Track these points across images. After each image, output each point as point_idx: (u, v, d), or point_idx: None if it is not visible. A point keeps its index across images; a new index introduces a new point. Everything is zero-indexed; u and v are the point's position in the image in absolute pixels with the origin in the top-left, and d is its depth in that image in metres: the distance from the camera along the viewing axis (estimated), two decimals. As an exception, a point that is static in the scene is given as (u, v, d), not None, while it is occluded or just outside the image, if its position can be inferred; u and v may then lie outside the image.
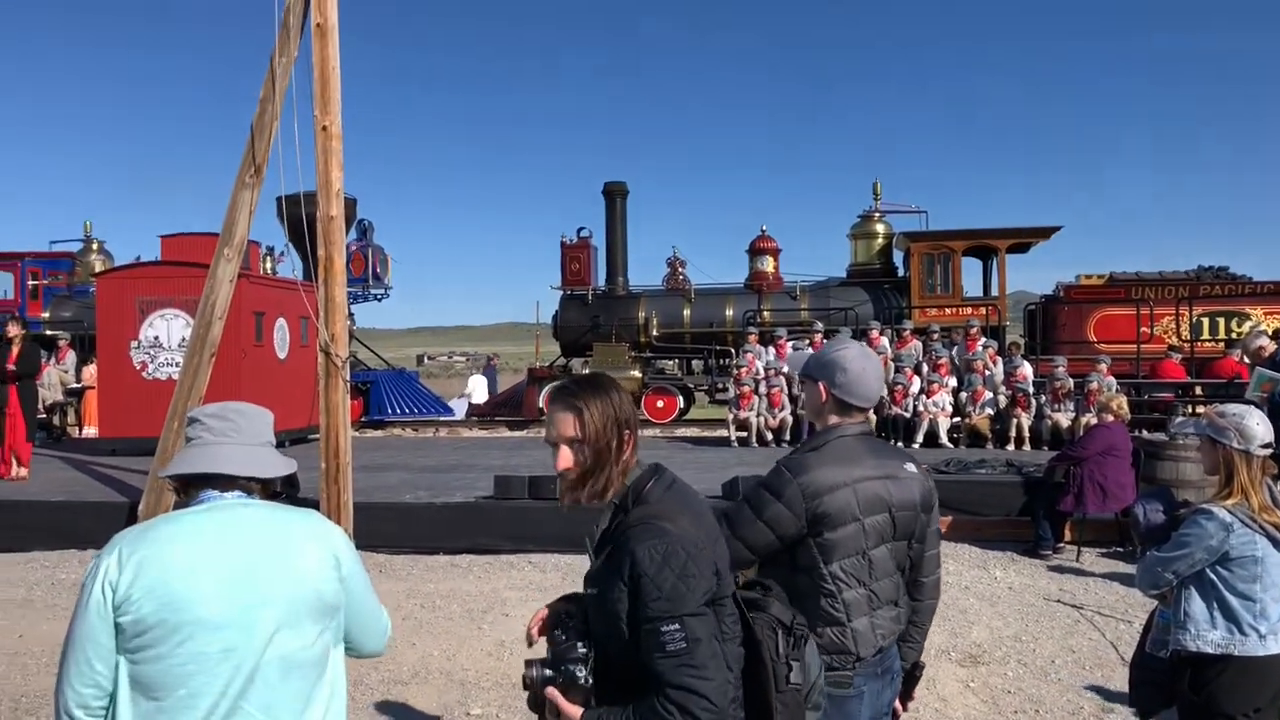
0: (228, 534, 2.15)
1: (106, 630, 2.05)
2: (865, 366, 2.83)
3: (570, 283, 21.74)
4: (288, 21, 9.51)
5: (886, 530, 2.71)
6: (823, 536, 2.64)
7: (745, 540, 2.69)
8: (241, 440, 2.31)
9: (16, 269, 20.42)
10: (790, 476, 2.68)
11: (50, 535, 9.73)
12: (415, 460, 14.06)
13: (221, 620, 2.07)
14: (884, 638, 2.72)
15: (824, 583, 2.65)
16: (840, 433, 2.80)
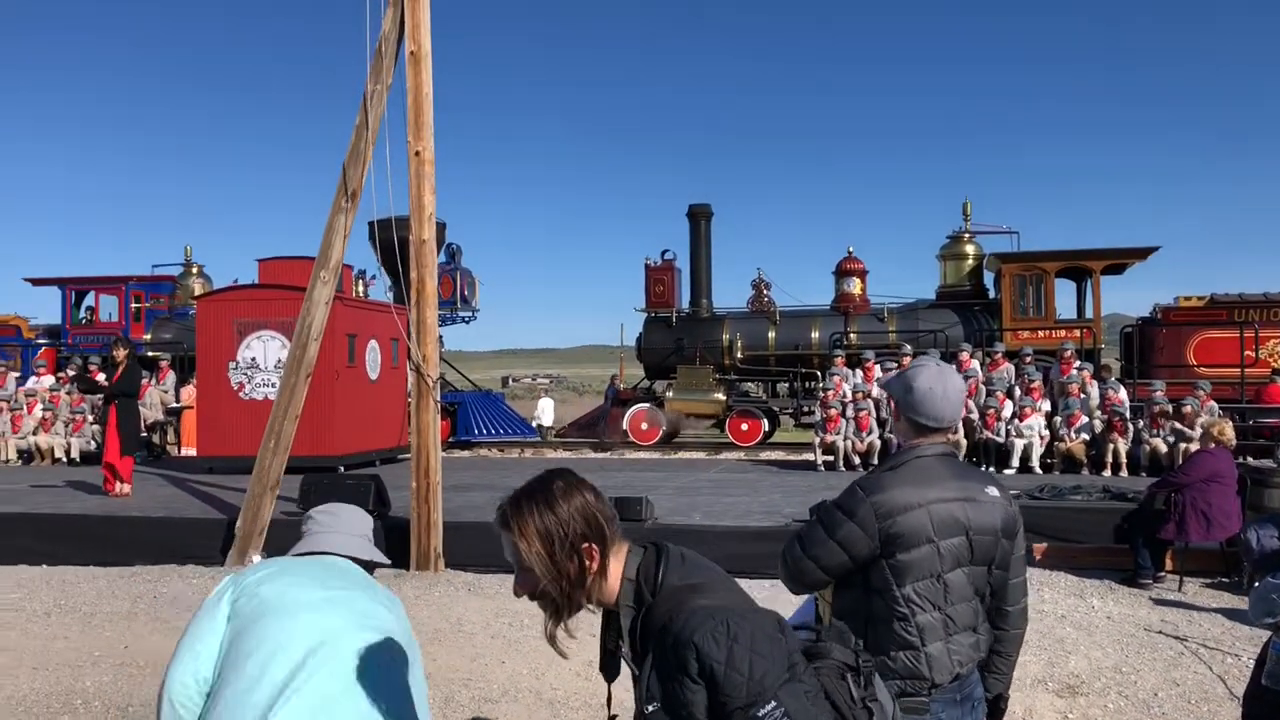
0: (321, 571, 2.64)
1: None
2: (934, 385, 2.75)
3: (654, 305, 21.82)
4: (381, 50, 9.75)
5: (963, 554, 2.63)
6: (895, 558, 2.58)
7: (817, 560, 2.65)
8: (343, 530, 2.80)
9: (121, 292, 21.18)
10: (864, 495, 2.63)
11: (152, 550, 10.02)
12: (501, 480, 14.18)
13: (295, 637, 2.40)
14: (961, 664, 2.63)
15: (897, 605, 2.58)
16: (919, 453, 2.73)
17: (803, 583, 2.72)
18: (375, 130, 9.71)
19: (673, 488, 12.73)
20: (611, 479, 13.90)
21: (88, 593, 8.75)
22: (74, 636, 7.31)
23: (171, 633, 7.36)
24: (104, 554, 9.98)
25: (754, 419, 20.40)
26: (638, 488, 11.84)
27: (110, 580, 9.23)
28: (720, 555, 9.03)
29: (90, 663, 6.61)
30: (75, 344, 20.88)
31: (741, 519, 9.90)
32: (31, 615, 7.95)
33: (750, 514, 10.24)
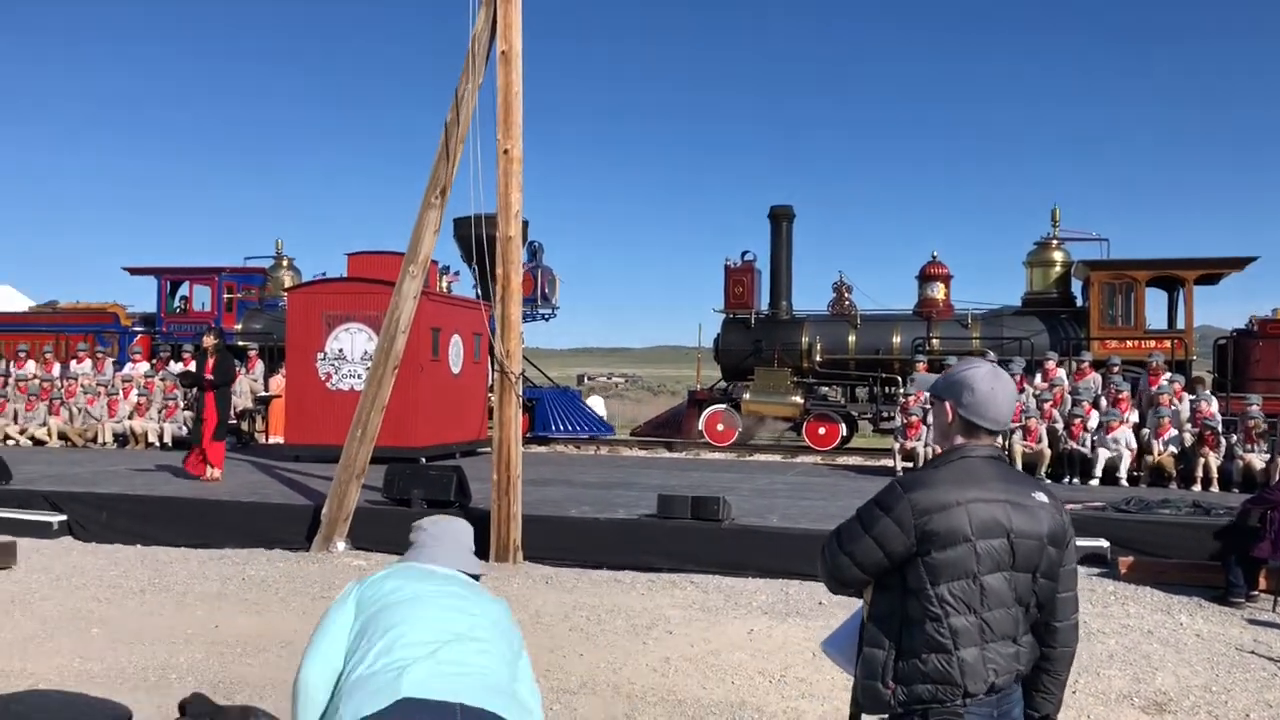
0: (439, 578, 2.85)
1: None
2: (995, 387, 2.70)
3: (733, 306, 21.77)
4: (473, 49, 9.90)
5: (1003, 557, 2.55)
6: (931, 555, 2.52)
7: (853, 556, 2.60)
8: (450, 542, 3.00)
9: (214, 283, 21.79)
10: (901, 492, 2.58)
11: (240, 534, 10.31)
12: (578, 476, 14.31)
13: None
14: (997, 674, 2.54)
15: (930, 605, 2.51)
16: (966, 453, 2.68)
17: (839, 579, 2.68)
18: (466, 128, 9.87)
19: (749, 489, 12.71)
20: (686, 479, 13.93)
21: (180, 573, 9.04)
22: (167, 614, 7.57)
23: (259, 614, 7.59)
24: (195, 536, 10.30)
25: (832, 423, 20.25)
26: (713, 488, 11.84)
27: (201, 561, 9.53)
28: (799, 558, 9.02)
29: (183, 640, 6.83)
30: (169, 332, 21.52)
31: (820, 523, 9.85)
32: (128, 592, 8.24)
33: (829, 518, 10.18)
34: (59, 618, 7.37)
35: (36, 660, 6.29)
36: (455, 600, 2.74)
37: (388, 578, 2.78)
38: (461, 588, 2.82)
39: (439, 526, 3.04)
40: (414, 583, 2.75)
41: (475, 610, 2.74)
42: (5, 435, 18.07)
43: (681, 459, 19.00)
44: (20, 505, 10.89)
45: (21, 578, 8.72)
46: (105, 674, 6.06)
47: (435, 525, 3.04)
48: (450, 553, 2.96)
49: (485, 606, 2.79)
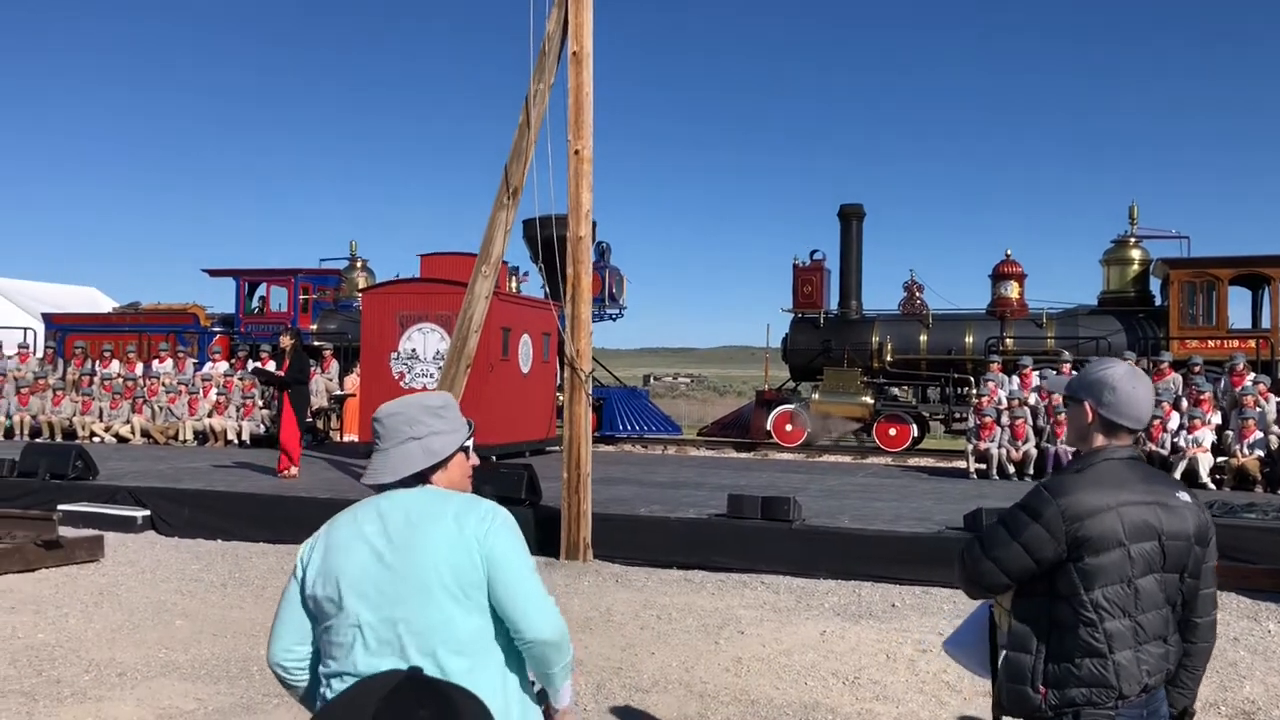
0: (383, 518, 2.35)
1: (293, 595, 2.40)
2: (1136, 385, 2.70)
3: (802, 305, 21.64)
4: (545, 50, 9.98)
5: (1155, 559, 2.55)
6: (1084, 561, 2.52)
7: (999, 562, 2.60)
8: (388, 445, 2.47)
9: (290, 284, 22.21)
10: (1050, 497, 2.57)
11: (316, 529, 10.46)
12: (646, 476, 14.33)
13: (358, 597, 2.25)
14: (1150, 674, 2.55)
15: (1084, 610, 2.52)
16: (1106, 455, 2.67)
17: (981, 585, 2.67)
18: (537, 129, 9.96)
19: (819, 490, 12.62)
20: (755, 479, 13.88)
21: (259, 567, 9.24)
22: (248, 608, 7.73)
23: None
24: (273, 531, 10.51)
25: (903, 424, 20.02)
26: (783, 488, 11.78)
27: (279, 556, 9.73)
28: (871, 560, 8.94)
29: (263, 633, 6.97)
30: (248, 332, 22.00)
31: (892, 524, 9.75)
32: (210, 586, 8.44)
33: (901, 519, 10.08)
34: (145, 609, 7.57)
35: (125, 650, 6.48)
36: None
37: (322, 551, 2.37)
38: (400, 532, 2.30)
39: (379, 421, 2.50)
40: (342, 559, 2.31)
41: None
42: (91, 432, 18.62)
43: (749, 459, 18.94)
44: (106, 500, 11.22)
45: (109, 570, 8.98)
46: (189, 664, 6.22)
47: (384, 416, 2.49)
48: (393, 458, 2.44)
49: (426, 553, 2.27)
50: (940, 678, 6.14)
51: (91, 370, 20.05)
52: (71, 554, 9.19)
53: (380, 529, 2.32)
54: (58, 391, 19.35)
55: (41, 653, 6.39)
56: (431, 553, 2.26)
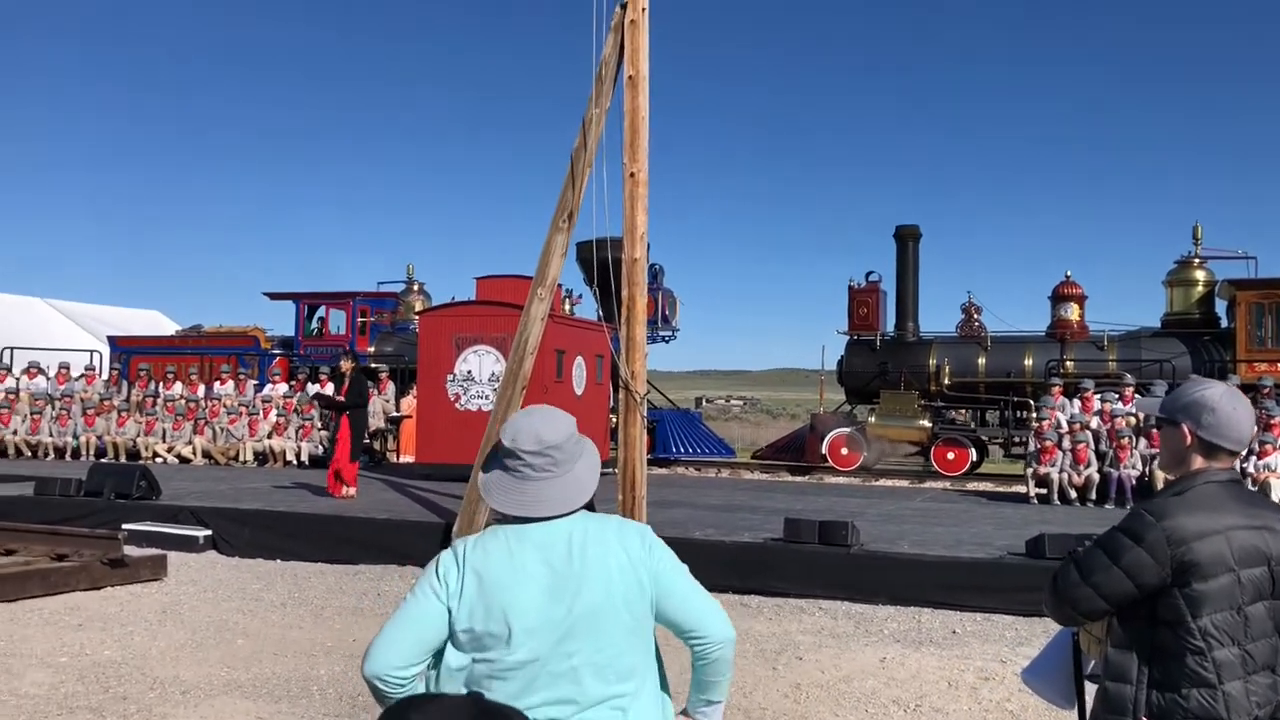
0: (542, 547, 2.26)
1: (433, 604, 2.22)
2: (1236, 406, 2.62)
3: (857, 327, 21.47)
4: (601, 74, 10.04)
5: (1264, 585, 2.47)
6: (1191, 587, 2.43)
7: (1098, 588, 2.52)
8: (555, 473, 2.33)
9: (349, 307, 22.51)
10: (1153, 520, 2.49)
11: (375, 550, 10.58)
12: (700, 498, 14.27)
13: (532, 632, 2.19)
14: (1260, 706, 2.45)
15: (1191, 638, 2.43)
16: (1206, 478, 2.58)
17: (1077, 610, 2.59)
18: (593, 153, 10.00)
19: (876, 514, 12.48)
20: (811, 503, 13.76)
21: (318, 587, 9.32)
22: (307, 627, 7.80)
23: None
24: (331, 551, 10.61)
25: (961, 448, 19.73)
26: (839, 513, 11.66)
27: (337, 576, 9.81)
28: (931, 586, 8.81)
29: (323, 652, 7.03)
30: (307, 354, 22.30)
31: (952, 549, 9.60)
32: (270, 605, 8.53)
33: (961, 545, 9.92)
34: (207, 628, 7.67)
35: (188, 668, 6.56)
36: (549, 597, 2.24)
37: (476, 576, 2.25)
38: (564, 561, 2.25)
39: (540, 453, 2.33)
40: (506, 590, 2.22)
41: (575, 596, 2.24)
42: (154, 453, 18.96)
43: (804, 483, 18.79)
44: (169, 520, 11.41)
45: (172, 589, 9.12)
46: (251, 683, 6.28)
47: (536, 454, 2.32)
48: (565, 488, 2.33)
49: (597, 582, 2.24)
50: (1004, 706, 6.02)
51: (155, 392, 20.45)
52: (136, 573, 9.35)
53: (543, 560, 2.25)
54: (122, 413, 19.75)
55: (108, 670, 6.49)
56: (604, 583, 2.24)
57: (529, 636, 2.19)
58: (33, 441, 19.57)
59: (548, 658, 2.20)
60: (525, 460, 2.31)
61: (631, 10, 9.81)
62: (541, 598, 2.21)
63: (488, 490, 2.36)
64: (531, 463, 2.31)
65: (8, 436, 19.62)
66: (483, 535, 2.32)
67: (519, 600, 2.20)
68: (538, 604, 2.20)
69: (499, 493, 2.34)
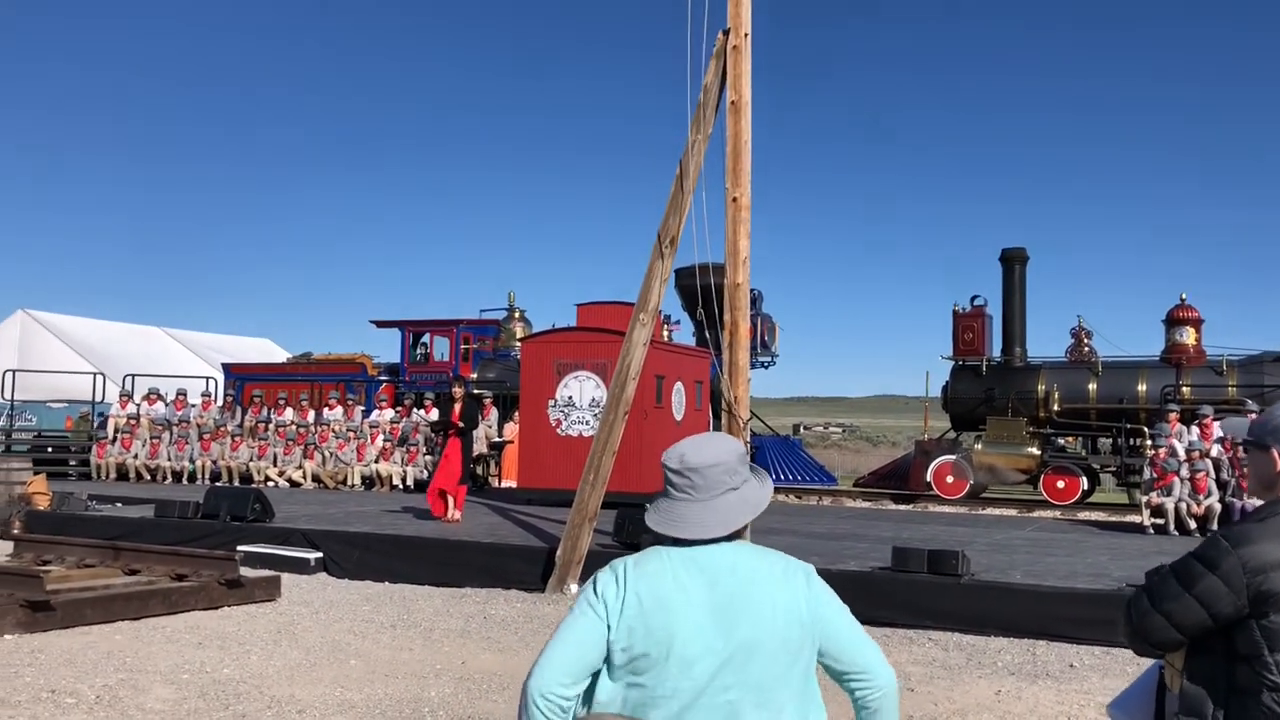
0: (703, 572, 2.23)
1: (593, 627, 2.20)
2: None
3: (962, 352, 21.05)
4: (703, 100, 10.09)
5: None
6: (1269, 619, 2.30)
7: (1170, 616, 2.40)
8: (705, 496, 2.31)
9: (453, 334, 22.92)
10: (1228, 547, 2.37)
11: (480, 573, 10.69)
12: (804, 526, 14.10)
13: (692, 658, 2.15)
14: None
15: (1269, 674, 2.29)
16: None
17: (1149, 640, 2.48)
18: (694, 179, 10.04)
19: (985, 544, 12.16)
20: (917, 531, 13.48)
21: (426, 609, 9.45)
22: (417, 649, 7.90)
23: (501, 652, 7.81)
24: (438, 574, 10.76)
25: (1072, 476, 19.16)
26: (947, 542, 11.40)
27: (445, 599, 9.94)
28: (1046, 617, 8.54)
29: (433, 675, 7.11)
30: (412, 381, 22.76)
31: (1066, 580, 9.30)
32: (380, 627, 8.68)
33: (1076, 575, 9.61)
34: (320, 648, 7.83)
35: (303, 688, 6.70)
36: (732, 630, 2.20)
37: (638, 597, 2.21)
38: (728, 591, 2.22)
39: (681, 474, 2.32)
40: (671, 613, 2.18)
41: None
42: (266, 477, 19.53)
43: (909, 511, 18.44)
44: (282, 542, 11.72)
45: (285, 610, 9.34)
46: (364, 704, 6.38)
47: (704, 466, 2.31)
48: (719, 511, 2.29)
49: (760, 616, 2.19)
50: (1130, 745, 5.78)
51: (267, 417, 21.08)
52: (251, 593, 9.61)
53: (706, 585, 2.21)
54: (236, 437, 20.39)
55: (227, 687, 6.66)
56: (769, 615, 2.20)
57: (687, 662, 2.15)
58: (152, 465, 20.34)
59: (705, 687, 2.15)
60: (671, 480, 2.33)
61: (734, 36, 9.85)
62: (702, 623, 2.17)
63: (649, 512, 2.37)
64: (674, 482, 2.32)
65: (129, 460, 20.44)
66: (644, 554, 2.31)
67: (679, 623, 2.16)
68: (698, 629, 2.16)
69: (653, 511, 2.35)
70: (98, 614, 8.60)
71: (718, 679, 2.15)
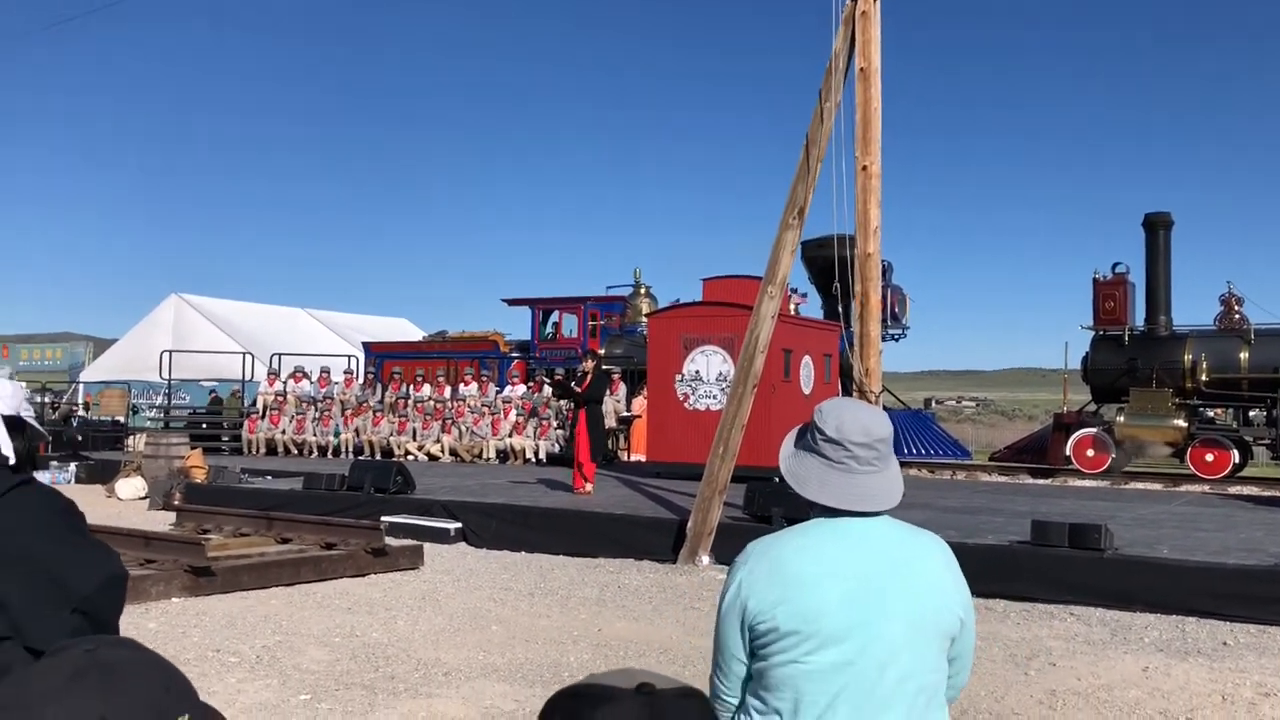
0: (852, 548, 2.15)
1: (735, 638, 2.16)
2: None
3: (1103, 322, 20.30)
4: (831, 67, 9.95)
5: None
6: None
7: None
8: (880, 467, 2.21)
9: (580, 311, 23.22)
10: None
11: (612, 544, 10.88)
12: (937, 500, 13.87)
13: (842, 633, 2.08)
14: None
15: None
16: None
17: None
18: (824, 147, 9.93)
19: (1129, 518, 11.76)
20: (1055, 506, 13.12)
21: (561, 579, 9.67)
22: (554, 616, 8.11)
23: (635, 621, 7.95)
24: (572, 544, 10.99)
25: (1221, 449, 18.32)
26: (1088, 516, 11.05)
27: (579, 569, 10.15)
28: (1197, 594, 8.23)
29: (570, 640, 7.29)
30: (542, 357, 23.16)
31: (1217, 555, 8.94)
32: (518, 595, 8.92)
33: (1228, 551, 9.22)
34: (462, 614, 8.10)
35: (447, 651, 6.95)
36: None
37: (776, 577, 2.13)
38: (880, 564, 2.13)
39: (869, 446, 2.17)
40: (815, 589, 2.09)
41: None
42: (405, 450, 20.19)
43: (1048, 485, 17.93)
44: (423, 513, 12.12)
45: (429, 578, 9.68)
46: (506, 667, 6.59)
47: (864, 446, 2.17)
48: (890, 481, 2.19)
49: (916, 591, 2.11)
50: (1289, 725, 5.57)
51: (406, 394, 21.77)
52: (396, 561, 9.99)
53: (862, 560, 2.12)
54: (377, 413, 21.12)
55: (376, 650, 6.97)
56: (924, 596, 2.12)
57: (836, 642, 2.07)
58: (298, 440, 21.24)
59: (855, 661, 2.07)
60: (851, 451, 2.17)
61: (862, 2, 9.68)
62: (854, 600, 2.09)
63: (801, 482, 2.21)
64: (857, 454, 2.16)
65: (277, 436, 21.39)
66: (780, 535, 2.22)
67: (825, 601, 2.08)
68: (849, 605, 2.08)
69: (816, 484, 2.19)
70: (254, 580, 9.08)
71: (873, 661, 2.07)
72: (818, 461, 2.20)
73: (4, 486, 2.30)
